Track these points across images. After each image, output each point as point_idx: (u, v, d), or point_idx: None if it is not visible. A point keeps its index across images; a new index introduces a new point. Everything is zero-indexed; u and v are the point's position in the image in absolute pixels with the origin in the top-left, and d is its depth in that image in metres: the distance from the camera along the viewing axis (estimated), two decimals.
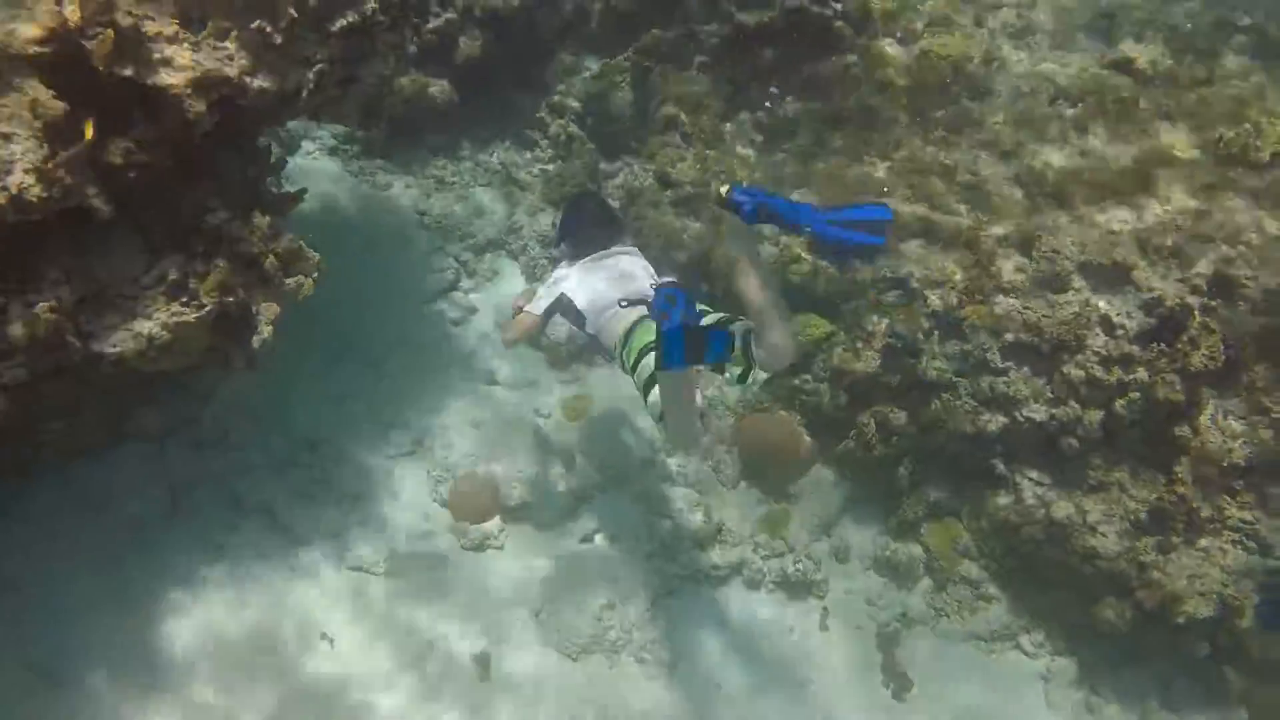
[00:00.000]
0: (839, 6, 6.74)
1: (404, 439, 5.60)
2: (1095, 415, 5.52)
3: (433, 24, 6.64)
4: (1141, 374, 5.43)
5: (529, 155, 7.38)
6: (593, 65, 7.39)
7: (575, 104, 7.28)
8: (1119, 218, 6.05)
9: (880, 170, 6.52)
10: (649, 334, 4.07)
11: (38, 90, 3.34)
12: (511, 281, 6.65)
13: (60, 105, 3.36)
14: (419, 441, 5.62)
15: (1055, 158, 6.47)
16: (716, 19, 6.76)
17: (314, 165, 6.71)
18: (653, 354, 3.74)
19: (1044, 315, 5.72)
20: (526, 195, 7.12)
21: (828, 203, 3.86)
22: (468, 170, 7.24)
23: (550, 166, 7.25)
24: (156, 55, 3.66)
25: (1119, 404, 5.47)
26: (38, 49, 3.33)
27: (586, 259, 4.66)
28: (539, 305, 4.60)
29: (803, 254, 6.22)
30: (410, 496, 5.40)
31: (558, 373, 6.25)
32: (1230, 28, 7.66)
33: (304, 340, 5.17)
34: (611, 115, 7.16)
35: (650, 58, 6.98)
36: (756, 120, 6.92)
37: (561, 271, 4.71)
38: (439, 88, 6.94)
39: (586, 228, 4.83)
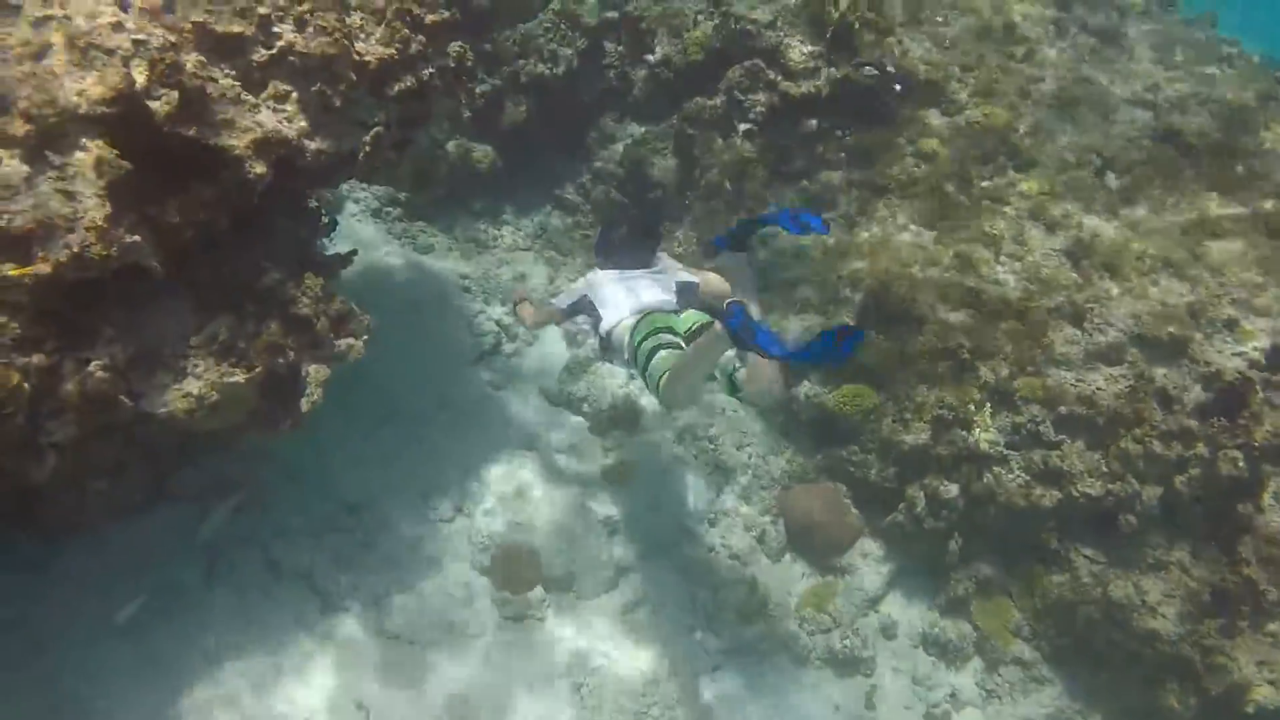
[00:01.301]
0: (893, 72, 6.75)
1: (445, 504, 5.50)
2: (1154, 491, 5.37)
3: (479, 90, 6.70)
4: (1202, 449, 5.29)
5: (570, 220, 7.40)
6: (635, 131, 7.42)
7: (617, 169, 7.29)
8: (1173, 289, 5.95)
9: (926, 239, 6.46)
10: (656, 324, 4.40)
11: (102, 149, 3.34)
12: (552, 345, 6.61)
13: (124, 164, 3.36)
14: (460, 507, 5.52)
15: (1103, 228, 6.40)
16: (761, 88, 6.78)
17: (358, 227, 6.73)
18: (662, 353, 4.20)
19: (1098, 388, 5.61)
20: (568, 260, 7.12)
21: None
22: (509, 234, 7.26)
23: (592, 232, 7.25)
24: (219, 116, 3.66)
25: (1179, 480, 5.32)
26: (104, 109, 3.33)
27: (615, 271, 4.85)
28: (563, 300, 4.92)
29: (851, 324, 6.13)
30: (451, 564, 5.28)
31: (598, 439, 6.16)
32: (1274, 100, 7.65)
33: (345, 401, 5.11)
34: (654, 181, 7.17)
35: (694, 125, 7.00)
36: (801, 189, 6.90)
37: (592, 276, 4.94)
38: (483, 152, 6.99)
39: (620, 244, 5.03)
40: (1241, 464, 5.19)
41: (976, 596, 5.86)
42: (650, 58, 7.24)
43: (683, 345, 4.33)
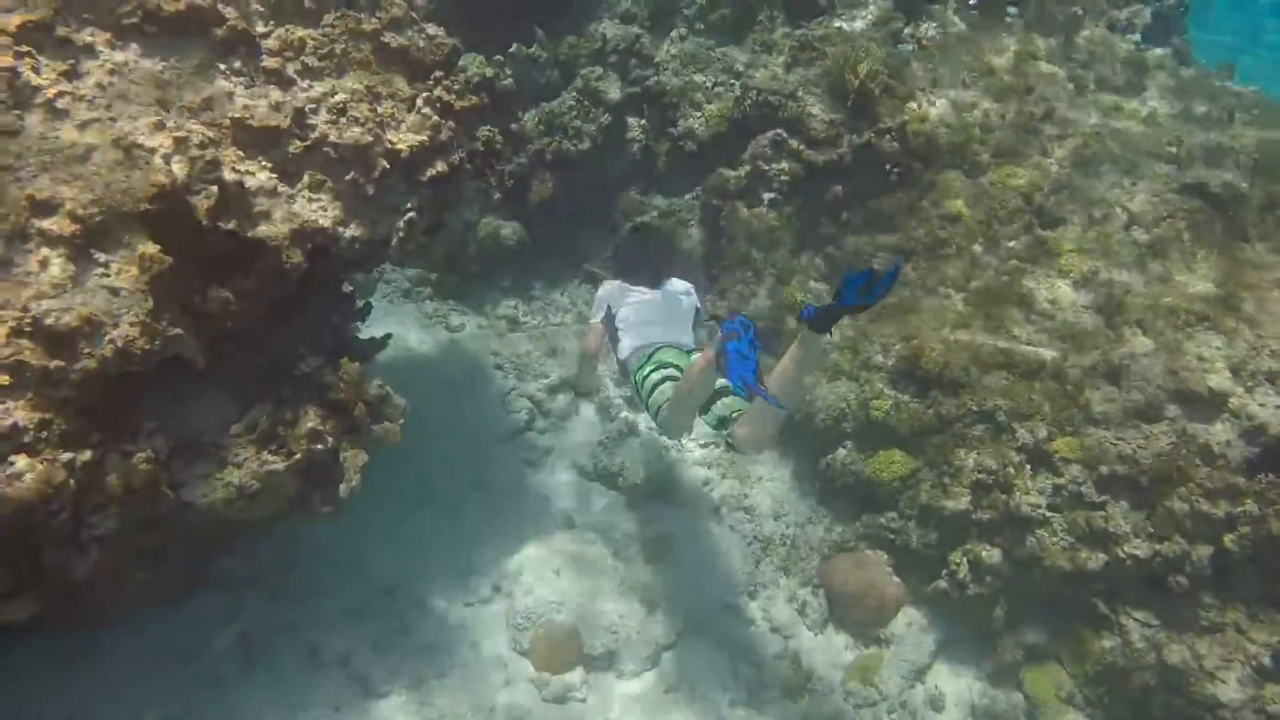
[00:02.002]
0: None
1: (483, 585, 5.46)
2: (1204, 551, 5.26)
3: (506, 168, 6.81)
4: (1251, 506, 5.18)
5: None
6: (661, 204, 7.49)
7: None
8: (1209, 343, 5.88)
9: (956, 301, 6.45)
10: (663, 361, 4.71)
11: (146, 245, 3.41)
12: (585, 421, 6.60)
13: (167, 260, 3.42)
14: (498, 588, 5.47)
15: (1134, 284, 6.36)
16: (784, 157, 6.85)
17: (389, 308, 6.80)
18: (663, 386, 4.54)
19: (1139, 446, 5.53)
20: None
21: None
22: (539, 310, 7.31)
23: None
24: (257, 208, 3.74)
25: (1229, 539, 5.21)
26: (148, 206, 3.41)
27: (632, 290, 5.28)
28: (597, 315, 5.23)
29: (884, 389, 6.11)
30: (490, 646, 5.22)
31: (635, 513, 6.12)
32: None
33: (381, 483, 5.10)
34: (681, 253, 7.22)
35: (719, 196, 7.06)
36: (827, 255, 6.93)
37: (608, 288, 5.35)
38: (511, 229, 7.08)
39: (632, 259, 5.63)
40: None
41: (1026, 664, 5.74)
42: (673, 130, 7.33)
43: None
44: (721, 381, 4.40)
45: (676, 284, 5.47)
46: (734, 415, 4.42)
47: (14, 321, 3.18)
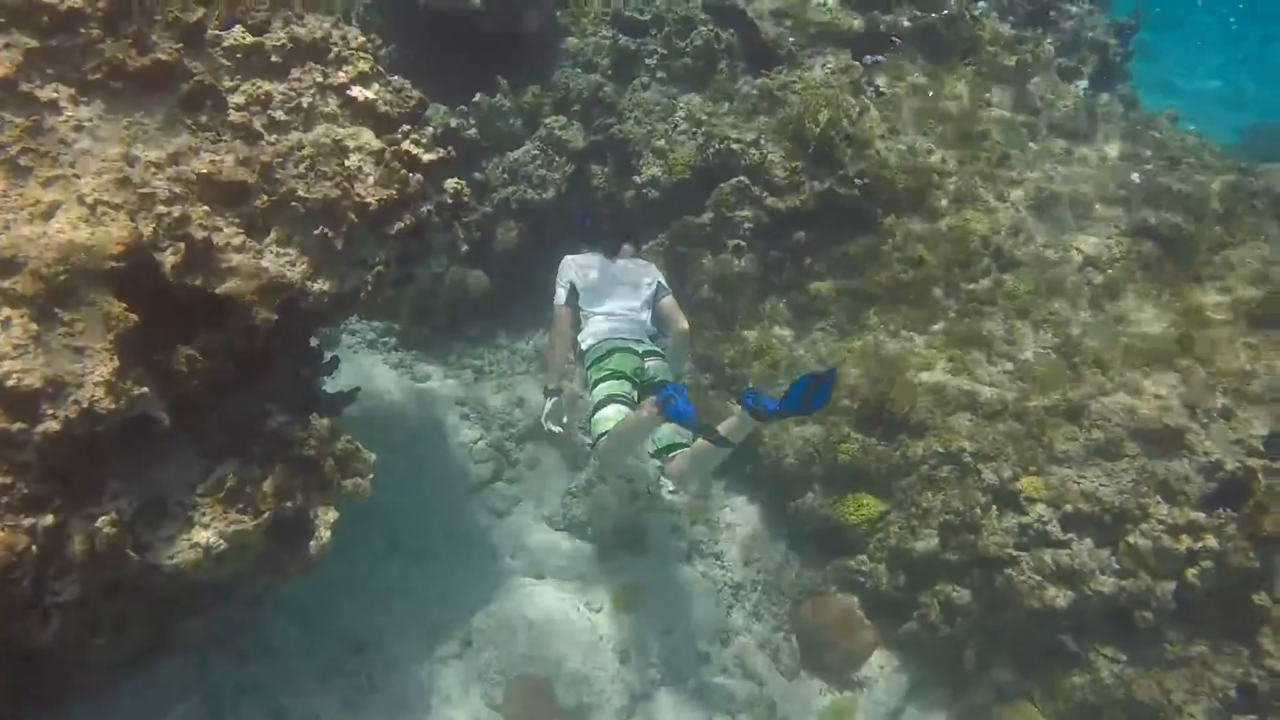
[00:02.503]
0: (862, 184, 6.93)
1: (453, 639, 5.39)
2: (1167, 586, 5.33)
3: (470, 217, 6.82)
4: (1211, 541, 5.27)
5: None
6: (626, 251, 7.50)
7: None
8: (1165, 382, 6.01)
9: (919, 344, 6.53)
10: (616, 369, 4.98)
11: (111, 304, 3.36)
12: (553, 471, 6.56)
13: (132, 318, 3.38)
14: (469, 642, 5.40)
15: (1091, 324, 6.49)
16: (748, 204, 6.93)
17: (354, 359, 6.75)
18: (605, 412, 4.78)
19: (1101, 484, 5.61)
20: (565, 383, 7.12)
21: None
22: (505, 359, 7.29)
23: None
24: (225, 264, 3.71)
25: (1190, 573, 5.30)
26: (113, 264, 3.37)
27: (594, 259, 5.61)
28: (559, 297, 5.43)
29: (851, 432, 6.15)
30: (462, 701, 5.15)
31: (605, 563, 6.08)
32: (1244, 193, 7.83)
33: (349, 535, 5.02)
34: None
35: (683, 243, 7.12)
36: (791, 300, 6.99)
37: (570, 262, 5.60)
38: (476, 278, 7.07)
39: (599, 232, 5.91)
40: (1252, 555, 5.18)
41: (999, 703, 5.75)
42: (637, 179, 7.39)
43: (633, 400, 4.84)
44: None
45: (635, 262, 5.78)
46: (671, 449, 4.82)
47: None
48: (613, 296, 5.38)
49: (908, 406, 6.01)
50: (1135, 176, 8.01)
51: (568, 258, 5.61)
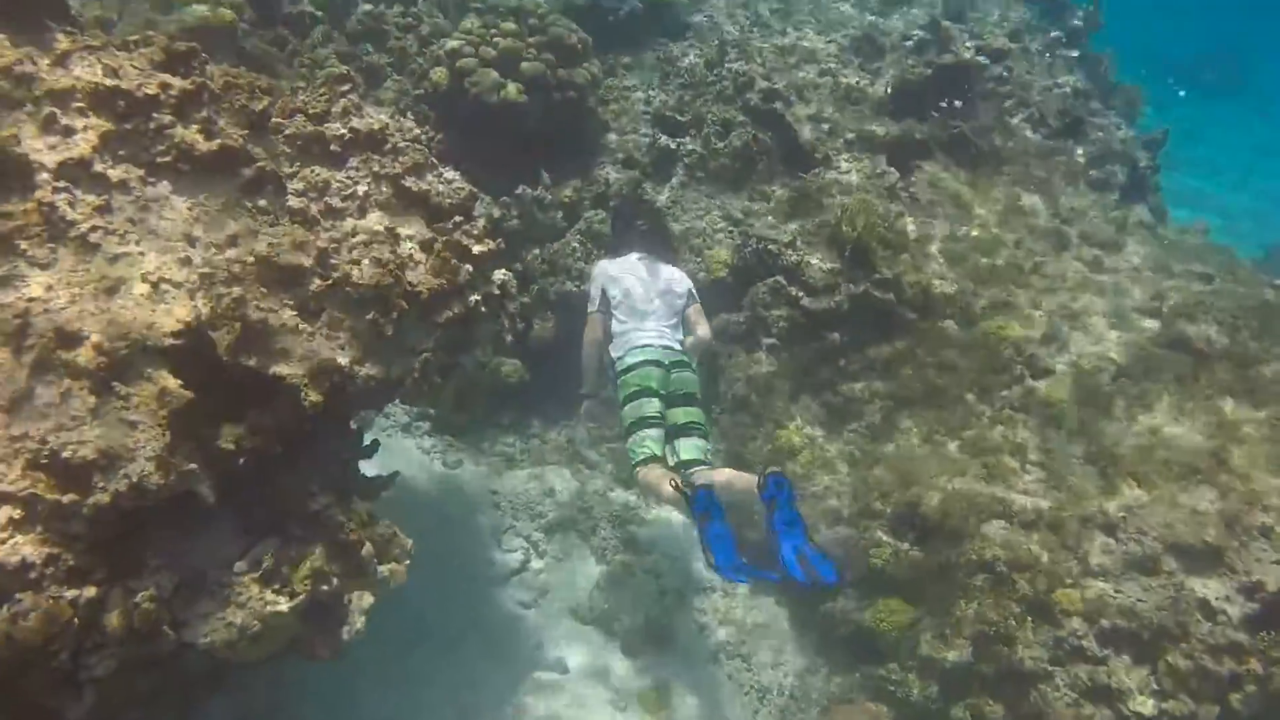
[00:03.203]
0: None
1: None
2: (1211, 710, 5.18)
3: (514, 308, 6.92)
4: (1255, 665, 5.14)
5: (597, 433, 7.46)
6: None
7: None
8: (1202, 496, 5.94)
9: (952, 449, 6.51)
10: (648, 384, 5.41)
11: (166, 380, 3.42)
12: (582, 563, 6.52)
13: (187, 395, 3.43)
14: None
15: (1124, 435, 6.45)
16: (784, 304, 7.00)
17: (388, 442, 6.78)
18: (641, 432, 5.31)
19: (1139, 600, 5.51)
20: (596, 474, 7.15)
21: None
22: (537, 448, 7.31)
23: (617, 445, 7.30)
24: (278, 345, 3.77)
25: (1235, 698, 5.15)
26: (172, 341, 3.44)
27: (630, 260, 5.88)
28: (594, 304, 5.75)
29: (884, 537, 6.10)
30: None
31: (632, 660, 5.98)
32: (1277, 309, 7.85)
33: (376, 618, 5.00)
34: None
35: (719, 340, 7.17)
36: (824, 401, 7.01)
37: (604, 266, 5.90)
38: (512, 366, 7.14)
39: (626, 230, 6.20)
40: None
41: None
42: None
43: (661, 420, 5.31)
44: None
45: (671, 270, 6.05)
46: (694, 464, 5.22)
47: (31, 454, 3.17)
48: (648, 306, 5.71)
49: (942, 513, 5.95)
50: (1166, 289, 8.06)
51: (603, 263, 5.87)
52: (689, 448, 5.37)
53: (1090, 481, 6.15)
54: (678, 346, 5.66)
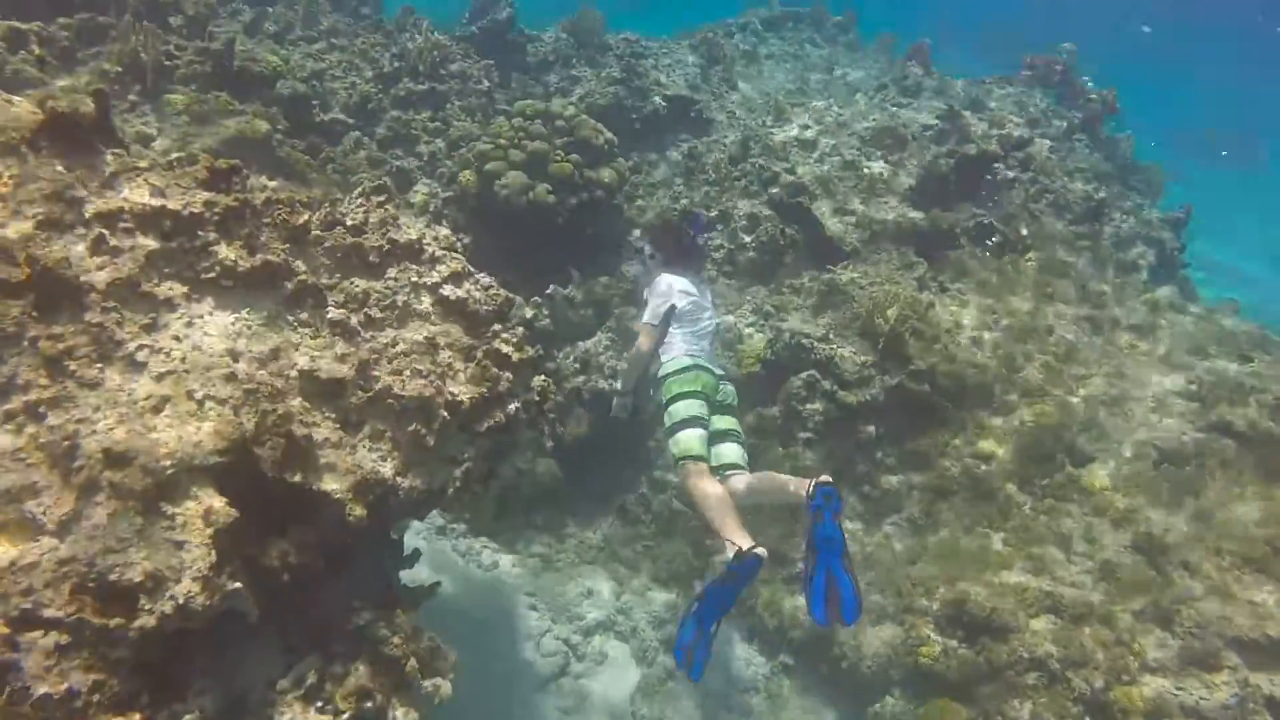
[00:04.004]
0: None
1: None
2: None
3: (553, 413, 6.92)
4: None
5: (633, 531, 7.38)
6: None
7: (676, 479, 7.35)
8: (1259, 586, 5.78)
9: (996, 541, 6.39)
10: (698, 387, 5.41)
11: (212, 498, 3.41)
12: (622, 665, 6.39)
13: (232, 513, 3.41)
14: None
15: (1173, 523, 6.32)
16: (819, 398, 6.97)
17: (423, 546, 6.71)
18: (687, 430, 5.26)
19: (1202, 698, 5.33)
20: (633, 575, 7.04)
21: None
22: (573, 548, 7.23)
23: (653, 543, 7.21)
24: (322, 460, 3.76)
25: None
26: (217, 459, 3.44)
27: (681, 281, 5.78)
28: (657, 316, 5.61)
29: (931, 634, 5.95)
30: None
31: None
32: None
33: None
34: None
35: (755, 435, 7.12)
36: (863, 494, 6.92)
37: (659, 286, 5.77)
38: (546, 466, 7.10)
39: (668, 248, 6.08)
40: None
41: None
42: None
43: (707, 423, 5.31)
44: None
45: (711, 289, 6.15)
46: (732, 468, 5.28)
47: (79, 577, 3.15)
48: (700, 320, 5.75)
49: (989, 608, 5.82)
50: (1202, 369, 7.98)
51: (668, 277, 5.81)
52: (729, 452, 5.39)
53: (1140, 572, 6.01)
54: (720, 370, 5.79)
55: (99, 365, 3.57)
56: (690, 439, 5.23)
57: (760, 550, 4.38)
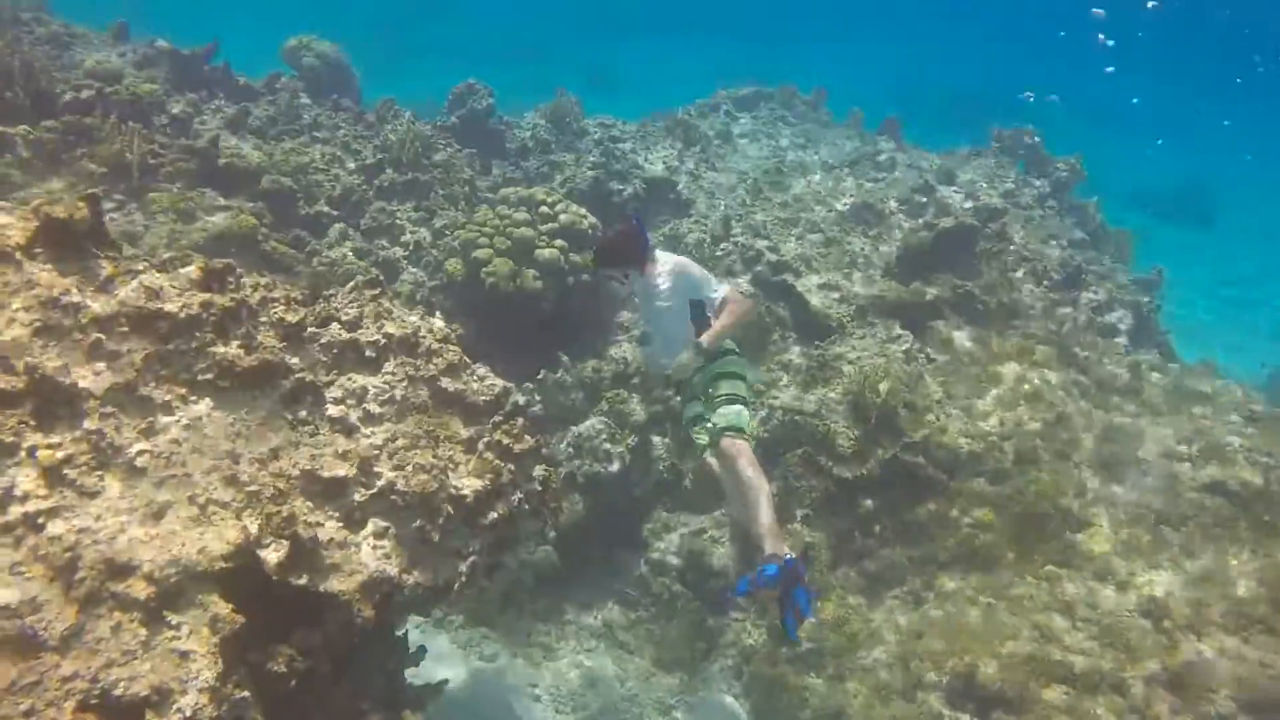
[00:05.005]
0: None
1: None
2: None
3: (550, 503, 6.87)
4: None
5: (633, 615, 7.29)
6: (690, 522, 7.50)
7: (675, 561, 7.29)
8: (1269, 646, 5.75)
9: (1000, 611, 6.34)
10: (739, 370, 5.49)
11: (219, 606, 3.34)
12: None
13: (238, 619, 3.34)
14: None
15: (1174, 584, 6.31)
16: (814, 474, 6.96)
17: (419, 637, 6.59)
18: (736, 408, 5.36)
19: None
20: (635, 658, 6.93)
21: None
22: (572, 634, 7.12)
23: (655, 626, 7.11)
24: (328, 560, 3.71)
25: None
26: (223, 564, 3.38)
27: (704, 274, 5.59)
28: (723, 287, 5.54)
29: (944, 710, 5.87)
30: None
31: None
32: None
33: None
34: (713, 570, 7.14)
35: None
36: (862, 568, 6.88)
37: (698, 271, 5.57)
38: (543, 553, 7.03)
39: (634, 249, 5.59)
40: None
41: None
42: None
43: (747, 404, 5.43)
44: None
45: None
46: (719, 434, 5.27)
47: (82, 694, 3.06)
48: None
49: (999, 680, 5.75)
50: (1189, 429, 8.03)
51: (676, 257, 5.67)
52: (738, 416, 5.38)
53: (1147, 637, 5.97)
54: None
55: (99, 473, 3.52)
56: (737, 414, 5.33)
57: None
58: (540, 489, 4.69)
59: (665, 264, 5.55)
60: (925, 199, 11.05)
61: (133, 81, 10.03)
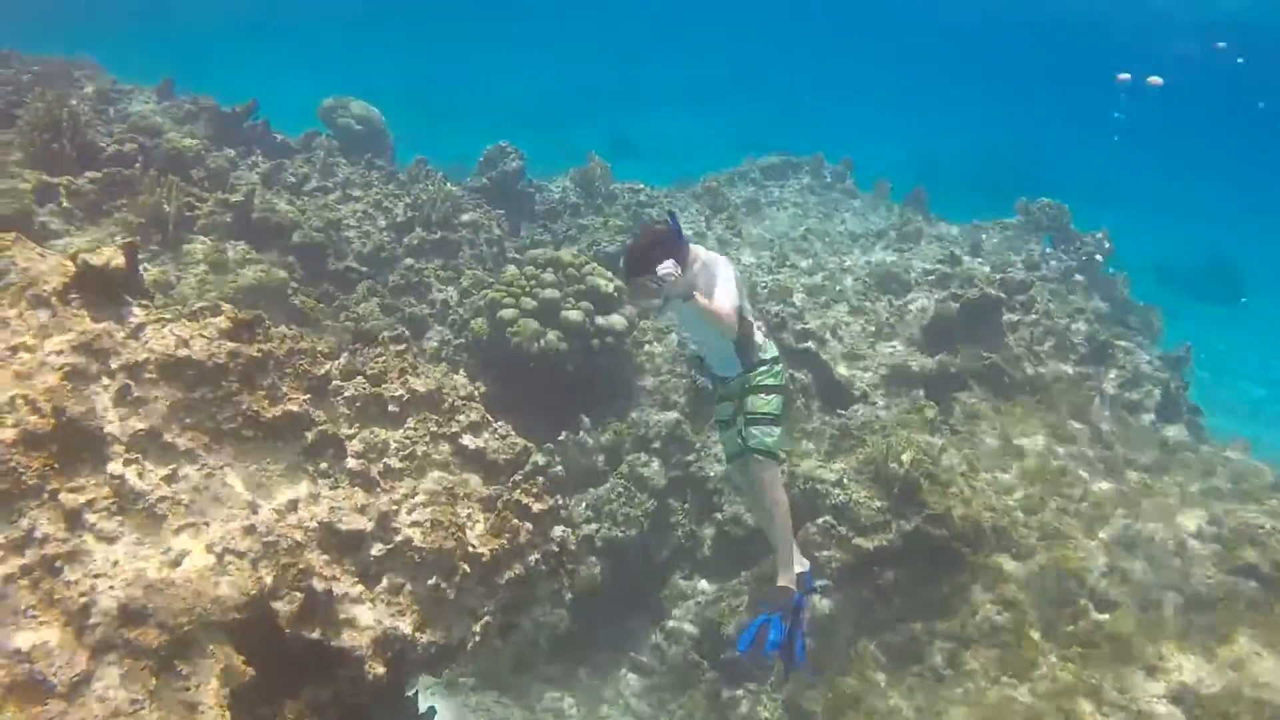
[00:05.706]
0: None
1: None
2: None
3: (568, 565, 6.83)
4: None
5: (647, 683, 7.16)
6: (706, 588, 7.41)
7: (691, 629, 7.19)
8: None
9: (1023, 693, 6.19)
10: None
11: (230, 657, 3.31)
12: None
13: (248, 671, 3.32)
14: None
15: (1205, 672, 6.14)
16: (835, 544, 6.87)
17: (432, 700, 6.50)
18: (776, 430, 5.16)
19: None
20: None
21: None
22: (588, 701, 7.00)
23: (669, 694, 6.99)
24: (341, 615, 3.68)
25: None
26: (235, 614, 3.36)
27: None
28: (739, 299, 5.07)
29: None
30: None
31: None
32: None
33: None
34: (730, 640, 7.03)
35: (770, 582, 6.98)
36: (883, 642, 6.75)
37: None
38: (557, 618, 6.95)
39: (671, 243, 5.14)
40: None
41: None
42: (719, 515, 7.41)
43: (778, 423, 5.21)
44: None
45: None
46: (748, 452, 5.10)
47: None
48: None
49: None
50: (1219, 510, 7.89)
51: (712, 253, 5.27)
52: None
53: None
54: None
55: (118, 518, 3.53)
56: (772, 435, 5.15)
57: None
58: (558, 550, 4.65)
59: (701, 255, 5.23)
60: (951, 270, 11.05)
61: (174, 137, 10.27)
